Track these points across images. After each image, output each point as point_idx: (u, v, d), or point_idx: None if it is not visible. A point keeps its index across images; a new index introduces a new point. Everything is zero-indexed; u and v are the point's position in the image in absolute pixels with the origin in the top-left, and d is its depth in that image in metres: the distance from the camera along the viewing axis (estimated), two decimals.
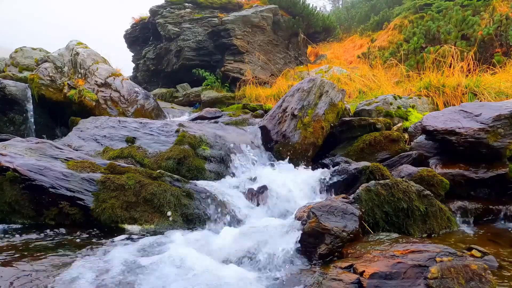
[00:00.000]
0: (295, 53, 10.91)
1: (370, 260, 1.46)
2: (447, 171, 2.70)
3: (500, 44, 7.24)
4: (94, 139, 3.41)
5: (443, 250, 1.38)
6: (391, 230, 1.95)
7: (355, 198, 2.01)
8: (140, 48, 11.31)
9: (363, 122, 3.73)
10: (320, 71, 8.79)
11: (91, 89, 5.42)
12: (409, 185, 2.08)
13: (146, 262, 1.70)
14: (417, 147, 3.24)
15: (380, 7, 15.63)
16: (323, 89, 3.84)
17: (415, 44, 7.95)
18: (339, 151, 3.66)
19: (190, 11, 9.99)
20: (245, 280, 1.56)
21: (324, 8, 23.40)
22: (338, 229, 1.71)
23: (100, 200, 2.20)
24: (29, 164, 2.20)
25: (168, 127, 3.50)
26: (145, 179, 2.39)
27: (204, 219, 2.35)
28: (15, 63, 7.18)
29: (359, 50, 12.68)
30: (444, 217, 2.11)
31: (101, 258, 1.70)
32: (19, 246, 1.80)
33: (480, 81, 4.90)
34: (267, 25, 10.00)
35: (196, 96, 8.87)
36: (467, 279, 1.26)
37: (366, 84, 7.01)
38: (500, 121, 2.66)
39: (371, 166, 2.59)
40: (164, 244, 1.93)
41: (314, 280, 1.43)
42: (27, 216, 2.13)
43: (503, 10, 8.76)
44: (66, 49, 6.11)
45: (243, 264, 1.75)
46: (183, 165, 3.02)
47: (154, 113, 5.77)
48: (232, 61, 9.35)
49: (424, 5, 11.66)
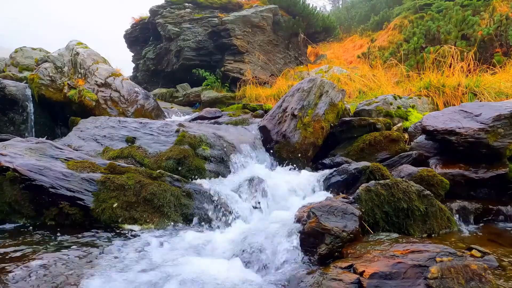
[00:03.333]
0: (295, 53, 10.91)
1: (370, 260, 1.46)
2: (447, 171, 2.70)
3: (500, 44, 7.24)
4: (94, 139, 3.41)
5: (443, 250, 1.38)
6: (391, 230, 1.95)
7: (355, 198, 2.01)
8: (140, 48, 11.32)
9: (363, 122, 3.73)
10: (320, 71, 8.79)
11: (91, 89, 5.42)
12: (409, 185, 2.08)
13: (146, 263, 1.70)
14: (417, 147, 3.24)
15: (380, 7, 15.63)
16: (323, 89, 3.84)
17: (415, 44, 7.95)
18: (339, 151, 3.66)
19: (190, 11, 9.99)
20: (245, 280, 1.56)
21: (324, 8, 23.42)
22: (338, 229, 1.71)
23: (100, 200, 2.20)
24: (29, 164, 2.20)
25: (168, 127, 3.50)
26: (145, 179, 2.39)
27: (204, 219, 2.35)
28: (15, 63, 7.18)
29: (359, 50, 12.68)
30: (444, 217, 2.11)
31: (101, 258, 1.70)
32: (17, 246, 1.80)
33: (480, 81, 4.89)
34: (267, 25, 10.00)
35: (196, 96, 8.88)
36: (467, 279, 1.26)
37: (366, 84, 7.01)
38: (500, 121, 2.66)
39: (371, 166, 2.59)
40: (164, 244, 1.93)
41: (314, 280, 1.43)
42: (27, 216, 2.13)
43: (503, 10, 8.76)
44: (66, 49, 6.11)
45: (243, 264, 1.75)
46: (183, 165, 3.02)
47: (154, 113, 5.77)
48: (232, 61, 9.35)
49: (424, 5, 11.66)
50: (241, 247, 1.87)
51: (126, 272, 1.60)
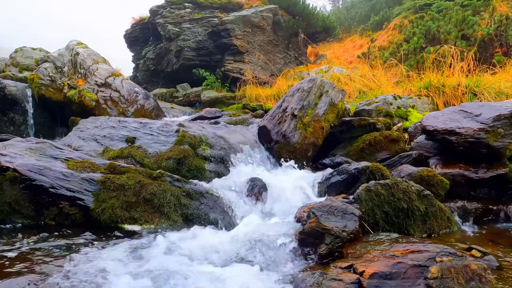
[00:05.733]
0: (295, 53, 10.91)
1: (370, 260, 1.46)
2: (447, 171, 2.70)
3: (500, 44, 7.24)
4: (94, 139, 3.41)
5: (443, 250, 1.38)
6: (391, 230, 1.95)
7: (355, 198, 2.01)
8: (140, 48, 11.31)
9: (363, 122, 3.73)
10: (320, 71, 8.79)
11: (91, 89, 5.42)
12: (409, 185, 2.08)
13: (146, 263, 1.70)
14: (417, 147, 3.24)
15: (380, 7, 15.62)
16: (323, 89, 3.84)
17: (415, 44, 7.95)
18: (339, 151, 3.66)
19: (190, 11, 9.98)
20: (245, 280, 1.56)
21: (324, 8, 23.42)
22: (338, 229, 1.71)
23: (100, 200, 2.20)
24: (29, 164, 2.20)
25: (168, 127, 3.50)
26: (145, 179, 2.39)
27: (203, 219, 2.35)
28: (15, 63, 7.18)
29: (359, 50, 12.68)
30: (444, 217, 2.11)
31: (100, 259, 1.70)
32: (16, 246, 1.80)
33: (480, 81, 4.89)
34: (267, 25, 10.00)
35: (196, 96, 8.87)
36: (467, 279, 1.26)
37: (366, 84, 7.00)
38: (500, 121, 2.66)
39: (371, 166, 2.59)
40: (164, 244, 1.92)
41: (314, 280, 1.43)
42: (27, 216, 2.13)
43: (503, 10, 8.76)
44: (66, 49, 6.11)
45: (243, 264, 1.75)
46: (183, 165, 3.02)
47: (154, 113, 5.77)
48: (232, 61, 9.34)
49: (424, 5, 11.66)
50: (241, 247, 1.87)
51: (126, 272, 1.59)
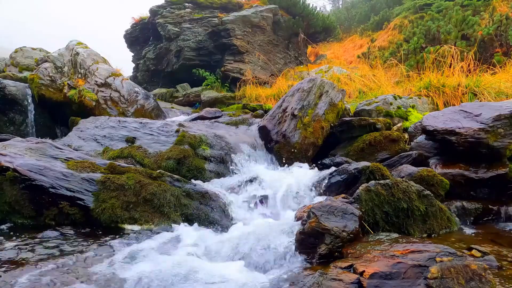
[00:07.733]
0: (295, 53, 10.91)
1: (370, 260, 1.46)
2: (447, 171, 2.70)
3: (500, 44, 7.24)
4: (94, 139, 3.41)
5: (443, 250, 1.38)
6: (391, 230, 1.95)
7: (355, 198, 2.01)
8: (140, 48, 11.31)
9: (363, 122, 3.73)
10: (320, 71, 8.79)
11: (91, 89, 5.42)
12: (409, 185, 2.08)
13: (146, 264, 1.70)
14: (417, 147, 3.24)
15: (380, 7, 15.62)
16: (323, 89, 3.84)
17: (415, 44, 7.95)
18: (339, 151, 3.66)
19: (190, 11, 9.98)
20: (245, 280, 1.56)
21: (324, 8, 23.41)
22: (338, 229, 1.71)
23: (100, 200, 2.20)
24: (29, 164, 2.20)
25: (168, 127, 3.50)
26: (145, 179, 2.39)
27: (204, 219, 2.34)
28: (15, 63, 7.18)
29: (359, 50, 12.68)
30: (444, 217, 2.11)
31: (99, 258, 1.70)
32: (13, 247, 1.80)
33: (480, 81, 4.89)
34: (267, 25, 10.00)
35: (196, 96, 8.87)
36: (467, 279, 1.26)
37: (366, 84, 7.00)
38: (500, 121, 2.66)
39: (371, 166, 2.59)
40: (164, 244, 1.92)
41: (314, 280, 1.43)
42: (27, 216, 2.13)
43: (503, 10, 8.76)
44: (66, 49, 6.11)
45: (243, 265, 1.75)
46: (183, 165, 3.02)
47: (154, 113, 5.77)
48: (232, 61, 9.34)
49: (424, 5, 11.66)
50: (241, 247, 1.87)
51: (126, 272, 1.59)
